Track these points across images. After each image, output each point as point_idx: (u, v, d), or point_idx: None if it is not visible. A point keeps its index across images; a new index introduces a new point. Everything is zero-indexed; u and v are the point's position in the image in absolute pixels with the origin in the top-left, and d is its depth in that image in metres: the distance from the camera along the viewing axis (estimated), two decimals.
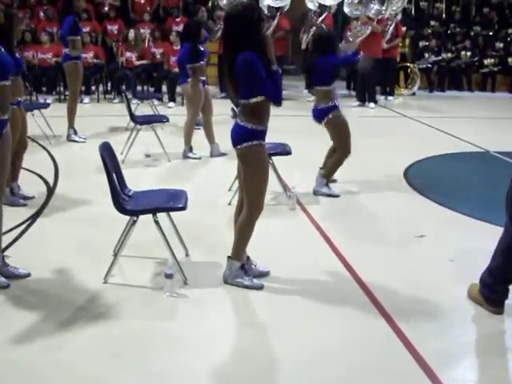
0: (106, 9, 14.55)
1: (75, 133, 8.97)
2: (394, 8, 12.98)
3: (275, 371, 3.53)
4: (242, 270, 4.49)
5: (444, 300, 4.37)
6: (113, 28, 14.16)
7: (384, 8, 12.78)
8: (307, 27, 13.47)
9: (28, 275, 4.53)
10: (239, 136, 4.27)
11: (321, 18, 13.18)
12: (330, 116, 6.48)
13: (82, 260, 4.88)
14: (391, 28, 13.25)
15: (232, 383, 3.42)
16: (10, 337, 3.76)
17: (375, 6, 12.76)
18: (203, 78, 8.07)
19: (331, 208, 6.38)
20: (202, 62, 8.05)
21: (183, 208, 4.49)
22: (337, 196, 6.64)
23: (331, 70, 6.51)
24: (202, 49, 8.16)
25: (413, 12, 17.21)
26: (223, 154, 8.05)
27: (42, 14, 14.28)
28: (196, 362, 3.57)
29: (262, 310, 4.23)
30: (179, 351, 3.68)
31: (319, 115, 6.58)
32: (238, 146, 4.29)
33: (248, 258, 4.61)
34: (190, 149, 8.14)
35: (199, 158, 8.08)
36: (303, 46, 13.64)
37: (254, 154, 4.29)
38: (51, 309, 4.12)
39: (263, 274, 4.63)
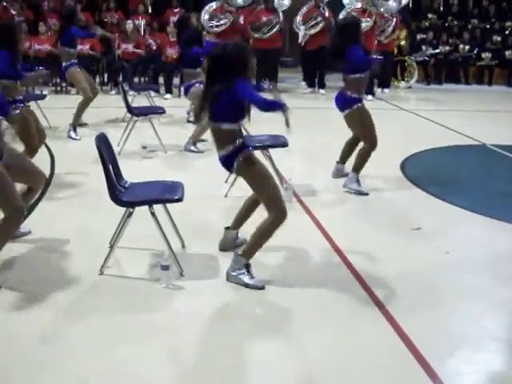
0: None
1: (74, 130, 8.87)
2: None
3: (267, 365, 3.51)
4: (246, 268, 4.43)
5: (440, 293, 4.38)
6: (113, 20, 14.14)
7: (396, 4, 12.80)
8: (307, 22, 13.37)
9: None
10: (229, 161, 4.36)
11: (326, 14, 13.17)
12: (355, 107, 6.38)
13: (78, 252, 4.88)
14: (392, 25, 13.23)
15: (225, 375, 3.41)
16: (5, 328, 3.76)
17: (389, 2, 12.76)
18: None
19: (328, 200, 6.38)
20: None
21: (179, 200, 4.48)
22: (366, 194, 6.51)
23: (362, 58, 6.37)
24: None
25: (410, 5, 17.17)
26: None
27: (45, 4, 14.30)
28: (191, 354, 3.58)
29: (258, 303, 4.23)
30: (174, 342, 3.68)
31: (344, 103, 6.43)
32: (232, 169, 4.41)
33: (237, 232, 4.83)
34: (194, 143, 8.12)
35: (202, 152, 8.05)
36: (300, 40, 13.57)
37: (248, 166, 4.38)
38: (47, 300, 4.12)
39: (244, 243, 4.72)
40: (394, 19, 13.26)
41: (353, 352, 3.64)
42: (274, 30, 13.11)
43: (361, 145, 6.70)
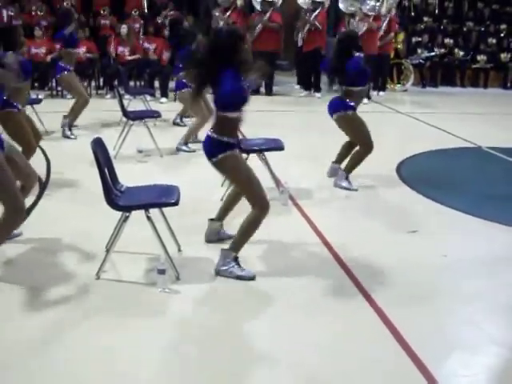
0: None
1: (70, 129, 9.03)
2: (388, 4, 13.09)
3: (264, 368, 3.52)
4: (235, 261, 4.53)
5: (437, 294, 4.38)
6: (106, 22, 14.15)
7: (379, 4, 12.88)
8: (301, 26, 13.47)
9: None
10: (215, 149, 4.42)
11: (314, 15, 13.22)
12: (345, 113, 6.49)
13: (74, 256, 4.87)
14: (384, 24, 13.30)
15: (223, 377, 3.41)
16: (3, 331, 3.75)
17: (371, 2, 12.85)
18: None
19: (324, 203, 6.39)
20: None
21: (175, 204, 4.48)
22: (355, 190, 6.69)
23: (361, 71, 6.48)
24: None
25: (411, 9, 17.24)
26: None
27: (33, 7, 14.29)
28: (189, 357, 3.57)
29: (254, 307, 4.22)
30: (171, 346, 3.68)
31: (337, 106, 6.56)
32: (213, 159, 4.44)
33: (221, 225, 5.07)
34: (186, 143, 8.19)
35: (193, 151, 8.11)
36: (300, 44, 13.64)
37: (230, 163, 4.45)
38: (43, 304, 4.12)
39: (232, 237, 4.75)
40: (385, 21, 13.30)
41: (348, 352, 3.64)
42: (257, 29, 13.16)
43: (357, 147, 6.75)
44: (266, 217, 4.49)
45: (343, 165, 6.86)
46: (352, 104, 6.50)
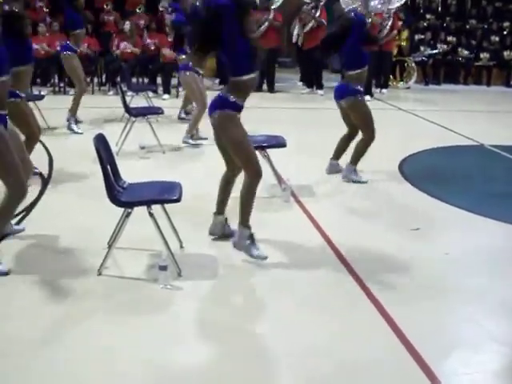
0: None
1: (76, 123, 9.04)
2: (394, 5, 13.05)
3: (266, 367, 3.52)
4: (250, 239, 4.68)
5: (439, 293, 4.37)
6: (109, 18, 14.16)
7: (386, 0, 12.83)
8: (298, 21, 13.47)
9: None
10: (217, 104, 4.55)
11: (318, 11, 13.21)
12: (354, 98, 6.52)
13: (76, 252, 4.87)
14: (389, 24, 13.26)
15: (223, 378, 3.41)
16: (3, 330, 3.75)
17: (375, 1, 12.81)
18: None
19: (326, 200, 6.38)
20: None
21: (177, 200, 4.49)
22: (365, 182, 6.77)
23: (358, 51, 6.50)
24: None
25: (420, 6, 17.20)
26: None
27: (38, 3, 14.31)
28: (188, 355, 3.57)
29: (257, 303, 4.24)
30: (172, 344, 3.68)
31: (344, 92, 6.57)
32: (213, 115, 4.57)
33: (226, 219, 5.08)
34: (191, 136, 8.26)
35: (197, 146, 8.14)
36: (294, 40, 13.68)
37: (226, 123, 4.56)
38: (45, 301, 4.12)
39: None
40: (391, 19, 13.27)
41: (349, 351, 3.63)
42: (262, 27, 13.13)
43: (355, 140, 6.77)
44: (259, 182, 4.64)
45: (342, 160, 6.87)
46: (358, 88, 6.53)
